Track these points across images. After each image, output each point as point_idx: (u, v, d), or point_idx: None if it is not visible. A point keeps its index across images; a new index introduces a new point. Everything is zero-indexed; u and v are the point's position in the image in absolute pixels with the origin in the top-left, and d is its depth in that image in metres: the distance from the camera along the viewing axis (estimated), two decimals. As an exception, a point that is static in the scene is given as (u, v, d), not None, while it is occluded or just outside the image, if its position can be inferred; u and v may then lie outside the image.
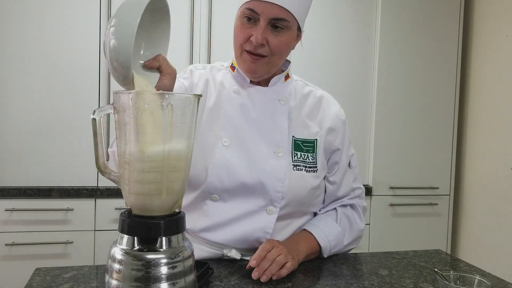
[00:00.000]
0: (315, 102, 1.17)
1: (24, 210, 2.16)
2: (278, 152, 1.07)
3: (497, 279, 1.00)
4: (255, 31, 1.01)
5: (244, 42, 1.04)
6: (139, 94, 0.68)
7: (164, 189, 0.71)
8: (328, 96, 1.22)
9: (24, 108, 2.24)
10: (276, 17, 1.01)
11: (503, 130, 2.44)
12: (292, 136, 1.11)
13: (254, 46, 1.02)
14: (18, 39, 2.22)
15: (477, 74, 2.67)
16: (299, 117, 1.14)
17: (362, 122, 2.61)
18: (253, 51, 1.03)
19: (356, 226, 1.18)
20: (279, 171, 1.06)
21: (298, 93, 1.17)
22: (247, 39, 1.03)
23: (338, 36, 2.55)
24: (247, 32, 1.03)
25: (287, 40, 1.06)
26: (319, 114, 1.16)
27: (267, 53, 1.04)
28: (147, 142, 0.69)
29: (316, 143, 1.13)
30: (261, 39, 1.01)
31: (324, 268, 1.04)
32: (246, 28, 1.03)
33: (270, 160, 1.06)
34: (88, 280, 0.91)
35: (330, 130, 1.15)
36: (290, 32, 1.06)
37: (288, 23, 1.03)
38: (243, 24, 1.04)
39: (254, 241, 1.06)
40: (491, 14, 2.56)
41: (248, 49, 1.04)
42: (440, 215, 2.69)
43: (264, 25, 1.01)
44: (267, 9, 1.00)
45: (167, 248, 0.70)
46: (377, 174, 2.59)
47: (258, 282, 0.93)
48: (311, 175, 1.10)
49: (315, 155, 1.12)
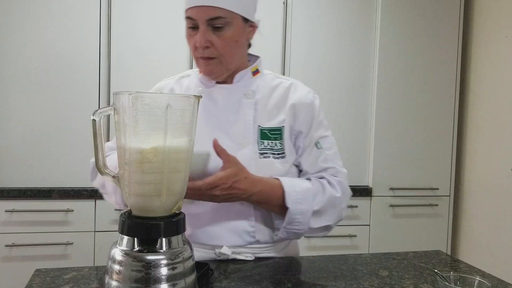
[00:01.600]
0: (283, 91, 1.19)
1: (24, 211, 2.16)
2: (243, 143, 1.09)
3: (497, 280, 1.00)
4: (197, 36, 1.05)
5: (195, 49, 1.07)
6: (139, 96, 0.68)
7: (164, 190, 0.71)
8: (298, 82, 1.23)
9: (25, 109, 2.24)
10: (210, 17, 1.03)
11: (503, 131, 2.44)
12: (258, 126, 1.13)
13: (201, 50, 1.05)
14: (19, 40, 2.22)
15: (477, 74, 2.67)
16: (266, 108, 1.15)
17: (362, 122, 2.61)
18: (202, 55, 1.06)
19: (330, 191, 1.12)
20: (244, 159, 1.06)
21: (266, 86, 1.19)
22: (195, 47, 1.06)
23: (338, 36, 2.55)
24: (194, 40, 1.06)
25: (231, 36, 1.07)
26: (287, 102, 1.17)
27: (215, 54, 1.06)
28: (147, 143, 0.69)
29: (283, 130, 1.14)
30: (203, 42, 1.04)
31: (324, 269, 1.04)
32: (192, 37, 1.07)
33: (235, 152, 1.06)
34: (88, 281, 0.91)
35: (293, 114, 1.16)
36: (232, 28, 1.07)
37: (225, 19, 1.04)
38: (189, 33, 1.08)
39: (242, 233, 1.08)
40: (491, 15, 2.56)
41: (199, 56, 1.07)
42: (440, 216, 2.69)
43: (204, 28, 1.04)
44: (201, 12, 1.03)
45: (167, 249, 0.70)
46: (377, 175, 2.59)
47: (258, 283, 0.93)
48: (279, 161, 1.12)
49: (283, 141, 1.13)
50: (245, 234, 1.09)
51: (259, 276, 0.98)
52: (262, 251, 1.12)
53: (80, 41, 2.27)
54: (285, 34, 2.47)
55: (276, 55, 2.48)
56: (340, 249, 2.52)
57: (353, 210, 2.55)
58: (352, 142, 2.60)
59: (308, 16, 2.50)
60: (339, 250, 2.51)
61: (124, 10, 2.31)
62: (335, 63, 2.56)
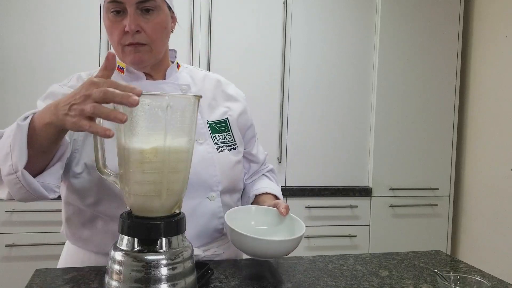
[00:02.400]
0: (213, 84, 1.19)
1: (24, 211, 2.16)
2: (200, 139, 1.08)
3: (497, 280, 1.00)
4: (126, 21, 0.98)
5: (121, 37, 0.99)
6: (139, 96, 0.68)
7: (164, 190, 0.71)
8: (222, 77, 1.24)
9: (25, 110, 2.23)
10: (140, 0, 0.98)
11: (503, 131, 2.44)
12: (206, 120, 1.12)
13: (131, 36, 0.99)
14: (19, 40, 2.22)
15: (477, 74, 2.67)
16: (205, 100, 1.14)
17: (362, 122, 2.61)
18: (132, 41, 0.99)
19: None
20: (206, 156, 1.05)
21: (196, 79, 1.17)
22: (123, 33, 0.99)
23: (338, 36, 2.55)
24: (120, 26, 0.98)
25: (161, 21, 1.02)
26: (222, 95, 1.18)
27: (146, 40, 1.00)
28: (147, 144, 0.69)
29: (228, 121, 1.15)
30: (134, 27, 0.97)
31: (324, 269, 1.04)
32: (117, 23, 0.99)
33: (195, 150, 1.04)
34: (88, 281, 0.91)
35: (241, 112, 1.20)
36: (161, 12, 1.02)
37: (155, 2, 0.99)
38: (113, 20, 0.99)
39: (213, 232, 1.07)
40: (491, 15, 2.56)
41: (128, 42, 1.00)
42: (440, 216, 2.69)
43: (133, 11, 0.97)
44: None
45: (167, 249, 0.70)
46: (377, 175, 2.59)
47: (258, 283, 0.93)
48: (232, 153, 1.13)
49: (231, 132, 1.15)
50: (216, 232, 1.08)
51: (259, 276, 0.98)
52: (230, 245, 1.11)
53: (80, 40, 2.27)
54: (285, 34, 2.47)
55: (276, 55, 2.48)
56: (340, 249, 2.52)
57: (353, 210, 2.55)
58: (352, 142, 2.60)
59: (308, 16, 2.50)
60: (339, 250, 2.51)
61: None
62: (335, 63, 2.56)
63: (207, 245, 1.07)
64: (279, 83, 2.48)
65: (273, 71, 2.47)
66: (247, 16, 2.43)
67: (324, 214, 2.51)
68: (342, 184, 2.59)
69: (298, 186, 2.51)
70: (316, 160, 2.55)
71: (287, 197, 2.44)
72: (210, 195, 1.06)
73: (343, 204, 2.53)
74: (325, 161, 2.57)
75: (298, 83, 2.50)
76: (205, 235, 1.06)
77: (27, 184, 0.81)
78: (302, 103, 2.51)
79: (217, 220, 1.07)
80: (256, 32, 2.44)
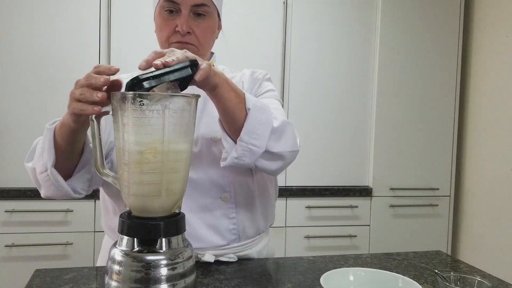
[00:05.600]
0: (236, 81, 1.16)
1: (24, 211, 2.16)
2: (216, 138, 1.06)
3: (497, 280, 1.00)
4: (179, 21, 1.02)
5: (171, 35, 1.03)
6: (138, 96, 0.68)
7: (163, 190, 0.71)
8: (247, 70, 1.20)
9: (25, 109, 2.24)
10: (196, 3, 1.02)
11: (503, 131, 2.44)
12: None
13: (181, 36, 1.02)
14: (19, 39, 2.22)
15: (477, 74, 2.67)
16: None
17: (362, 122, 2.61)
18: (181, 39, 1.03)
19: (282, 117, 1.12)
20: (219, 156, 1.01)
21: None
22: (173, 32, 1.03)
23: (338, 36, 2.55)
24: (171, 24, 1.03)
25: (210, 26, 1.06)
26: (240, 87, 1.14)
27: (195, 42, 1.04)
28: (146, 143, 0.69)
29: None
30: (186, 28, 1.01)
31: (324, 269, 1.04)
32: (170, 21, 1.03)
33: (209, 148, 1.05)
34: (87, 281, 0.91)
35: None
36: (212, 19, 1.07)
37: (208, 8, 1.04)
38: (165, 18, 1.04)
39: (225, 232, 1.07)
40: (491, 14, 2.56)
41: (176, 40, 1.03)
42: (440, 216, 2.69)
43: (187, 13, 1.02)
44: None
45: (167, 249, 0.70)
46: (377, 175, 2.59)
47: (258, 283, 0.93)
48: None
49: None
50: (228, 233, 1.07)
51: (259, 276, 0.98)
52: (243, 249, 1.10)
53: (80, 40, 2.27)
54: (285, 34, 2.47)
55: (276, 55, 2.48)
56: (340, 249, 2.52)
57: (353, 210, 2.55)
58: (352, 142, 2.60)
59: (308, 16, 2.50)
60: (339, 250, 2.51)
61: (124, 9, 2.31)
62: (335, 63, 2.55)
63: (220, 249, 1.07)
64: (279, 83, 2.48)
65: (273, 71, 2.47)
66: (247, 16, 2.43)
67: (324, 214, 2.51)
68: (342, 184, 2.59)
69: (298, 186, 2.51)
70: (316, 160, 2.55)
71: (287, 197, 2.44)
72: (223, 195, 1.06)
73: (343, 204, 2.53)
74: (325, 161, 2.57)
75: (298, 83, 2.50)
76: (217, 235, 1.06)
77: (55, 181, 0.91)
78: (302, 103, 2.51)
79: (228, 220, 1.07)
80: (256, 32, 2.44)
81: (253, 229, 1.12)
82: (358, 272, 0.91)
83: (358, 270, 0.92)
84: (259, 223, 1.14)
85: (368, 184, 2.62)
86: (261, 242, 1.17)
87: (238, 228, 1.09)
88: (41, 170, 0.92)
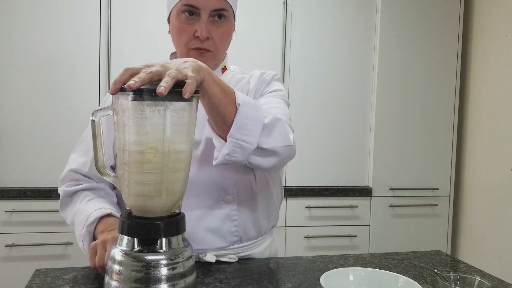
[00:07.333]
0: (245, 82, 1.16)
1: (24, 211, 2.16)
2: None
3: (497, 280, 1.00)
4: (199, 26, 1.00)
5: (190, 40, 1.02)
6: (138, 96, 0.68)
7: (163, 190, 0.71)
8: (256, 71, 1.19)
9: (24, 109, 2.24)
10: (216, 8, 1.01)
11: (503, 131, 2.44)
12: None
13: (200, 42, 1.01)
14: (19, 39, 2.22)
15: (477, 74, 2.67)
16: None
17: (362, 122, 2.61)
18: (200, 46, 1.02)
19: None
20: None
21: (233, 81, 1.15)
22: (192, 37, 1.02)
23: (338, 36, 2.55)
24: (191, 29, 1.01)
25: (228, 29, 1.06)
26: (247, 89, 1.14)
27: (212, 48, 1.04)
28: (147, 144, 0.69)
29: None
30: (206, 33, 1.00)
31: (324, 269, 1.04)
32: (188, 26, 1.01)
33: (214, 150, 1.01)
34: (88, 281, 0.91)
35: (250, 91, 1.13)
36: (230, 22, 1.06)
37: (227, 12, 1.03)
38: (185, 22, 1.02)
39: (227, 234, 1.06)
40: (491, 14, 2.56)
41: (195, 47, 1.02)
42: (440, 216, 2.69)
43: (206, 18, 1.00)
44: (207, 1, 1.00)
45: (167, 249, 0.70)
46: (377, 175, 2.59)
47: (258, 283, 0.93)
48: None
49: None
50: (229, 235, 1.06)
51: (259, 276, 0.98)
52: (244, 250, 1.10)
53: (80, 40, 2.27)
54: (285, 34, 2.47)
55: (276, 55, 2.48)
56: (340, 249, 2.52)
57: (353, 210, 2.55)
58: (352, 142, 2.60)
59: (308, 16, 2.50)
60: (339, 250, 2.51)
61: (125, 8, 2.31)
62: (335, 63, 2.55)
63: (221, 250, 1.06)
64: (279, 83, 2.47)
65: (273, 71, 2.47)
66: (247, 16, 2.43)
67: (324, 214, 2.51)
68: (342, 184, 2.59)
69: (298, 186, 2.51)
70: (316, 160, 2.55)
71: (287, 197, 2.44)
72: (226, 197, 1.06)
73: (343, 204, 2.53)
74: (325, 161, 2.57)
75: (298, 83, 2.50)
76: (219, 238, 1.06)
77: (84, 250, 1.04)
78: (302, 103, 2.51)
79: (230, 222, 1.06)
80: (256, 32, 2.44)
81: (255, 231, 1.12)
82: (358, 272, 0.91)
83: (358, 270, 0.92)
84: (262, 224, 1.13)
85: (368, 184, 2.62)
86: (264, 243, 1.16)
87: (240, 230, 1.08)
88: (78, 240, 1.06)
